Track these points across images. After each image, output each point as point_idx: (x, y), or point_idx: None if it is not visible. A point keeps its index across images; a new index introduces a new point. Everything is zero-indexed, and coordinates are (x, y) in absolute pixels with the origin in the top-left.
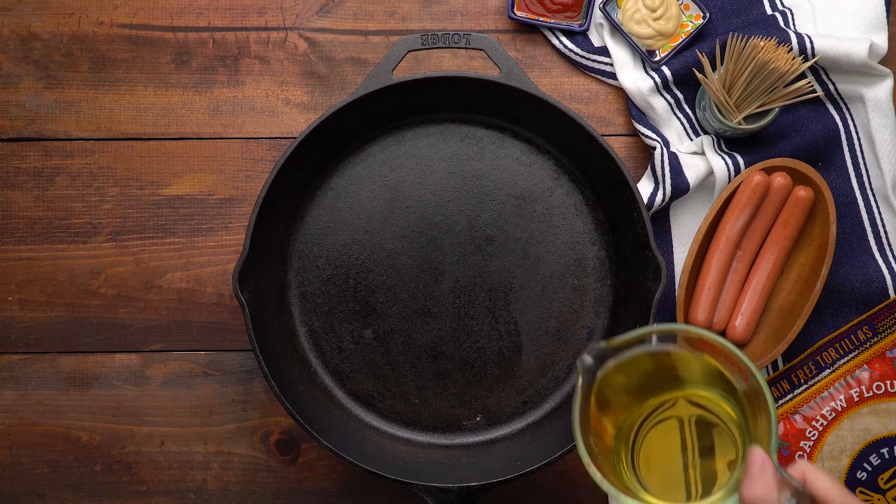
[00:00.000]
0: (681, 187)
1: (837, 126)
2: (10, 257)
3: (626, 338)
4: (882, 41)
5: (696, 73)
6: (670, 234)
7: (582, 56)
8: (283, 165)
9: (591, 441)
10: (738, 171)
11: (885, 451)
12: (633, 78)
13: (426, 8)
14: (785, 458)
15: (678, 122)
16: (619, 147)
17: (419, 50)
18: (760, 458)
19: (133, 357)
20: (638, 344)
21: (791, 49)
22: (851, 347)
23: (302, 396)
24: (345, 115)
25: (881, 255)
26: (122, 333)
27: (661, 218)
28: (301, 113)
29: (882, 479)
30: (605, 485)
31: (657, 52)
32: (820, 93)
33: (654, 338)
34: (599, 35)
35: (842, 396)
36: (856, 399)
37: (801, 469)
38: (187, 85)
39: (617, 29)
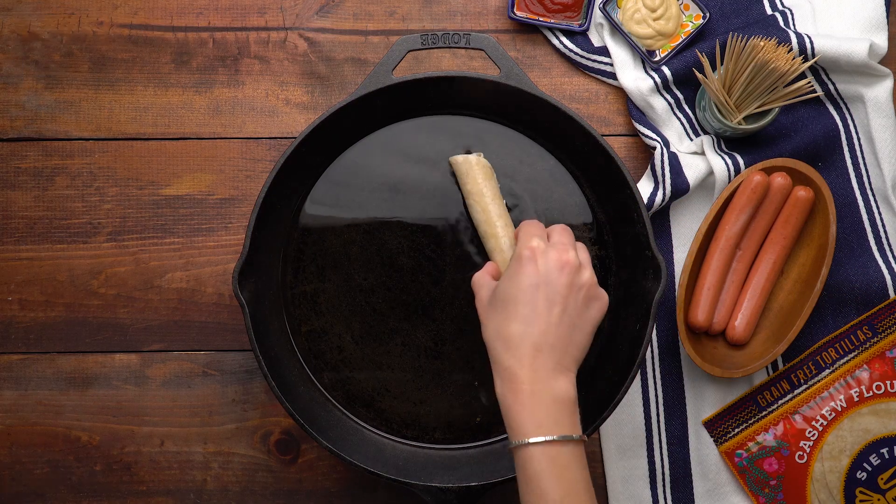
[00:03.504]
0: (681, 187)
1: (837, 126)
2: (10, 257)
3: None
4: (882, 41)
5: (696, 73)
6: (670, 234)
7: (582, 56)
8: (282, 165)
9: None
10: (738, 171)
11: (885, 451)
12: (633, 78)
13: (426, 8)
14: (785, 457)
15: (678, 122)
16: (619, 147)
17: (419, 50)
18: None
19: (133, 357)
20: None
21: (791, 49)
22: (851, 347)
23: (302, 396)
24: (345, 114)
25: (881, 255)
26: (122, 333)
27: (661, 218)
28: (301, 113)
29: (882, 479)
30: None
31: (657, 52)
32: (820, 93)
33: None
34: (599, 35)
35: (842, 396)
36: (856, 399)
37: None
38: (187, 85)
39: (617, 29)
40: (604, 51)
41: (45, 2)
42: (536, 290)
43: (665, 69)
